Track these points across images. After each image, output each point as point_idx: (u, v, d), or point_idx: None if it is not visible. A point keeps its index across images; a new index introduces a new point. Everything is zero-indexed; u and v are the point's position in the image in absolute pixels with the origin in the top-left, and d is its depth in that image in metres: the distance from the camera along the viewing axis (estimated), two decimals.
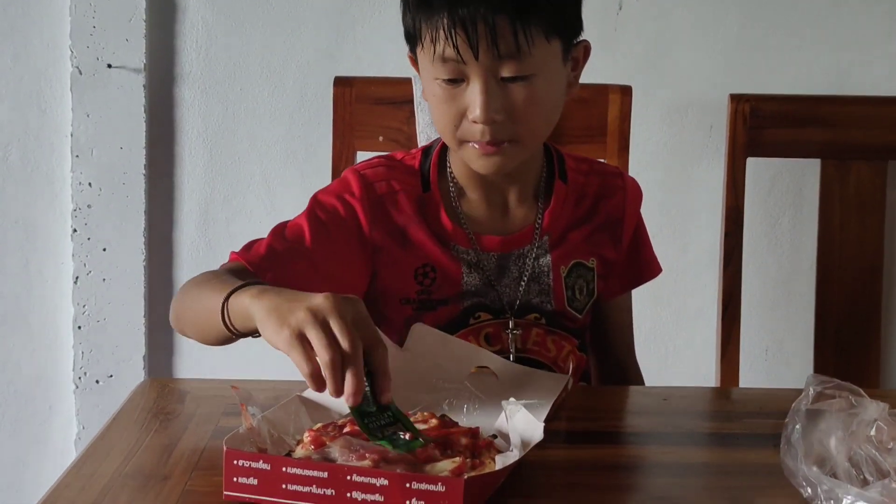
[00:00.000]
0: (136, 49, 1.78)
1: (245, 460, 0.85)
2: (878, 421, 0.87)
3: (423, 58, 1.13)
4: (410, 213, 1.20)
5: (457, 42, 1.07)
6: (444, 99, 1.12)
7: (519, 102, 1.10)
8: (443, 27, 1.08)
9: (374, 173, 1.21)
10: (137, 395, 1.13)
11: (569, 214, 1.24)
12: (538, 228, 1.22)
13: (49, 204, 1.83)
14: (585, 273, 1.25)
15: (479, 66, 1.09)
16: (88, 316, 1.82)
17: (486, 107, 1.09)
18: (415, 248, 1.20)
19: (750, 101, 1.63)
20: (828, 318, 1.68)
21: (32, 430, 1.87)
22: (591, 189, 1.26)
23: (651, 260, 1.33)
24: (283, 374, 1.84)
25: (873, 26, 1.80)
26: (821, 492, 0.82)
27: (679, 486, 0.94)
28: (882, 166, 1.67)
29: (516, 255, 1.22)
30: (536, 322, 1.23)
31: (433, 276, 1.20)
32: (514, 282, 1.22)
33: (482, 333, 1.21)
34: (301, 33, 1.81)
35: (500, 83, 1.10)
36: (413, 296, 1.20)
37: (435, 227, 1.20)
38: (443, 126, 1.15)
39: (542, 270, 1.22)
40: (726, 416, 1.15)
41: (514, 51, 1.08)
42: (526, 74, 1.10)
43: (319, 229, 1.17)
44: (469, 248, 1.21)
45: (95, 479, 0.91)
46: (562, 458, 0.97)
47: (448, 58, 1.09)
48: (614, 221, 1.27)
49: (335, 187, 1.22)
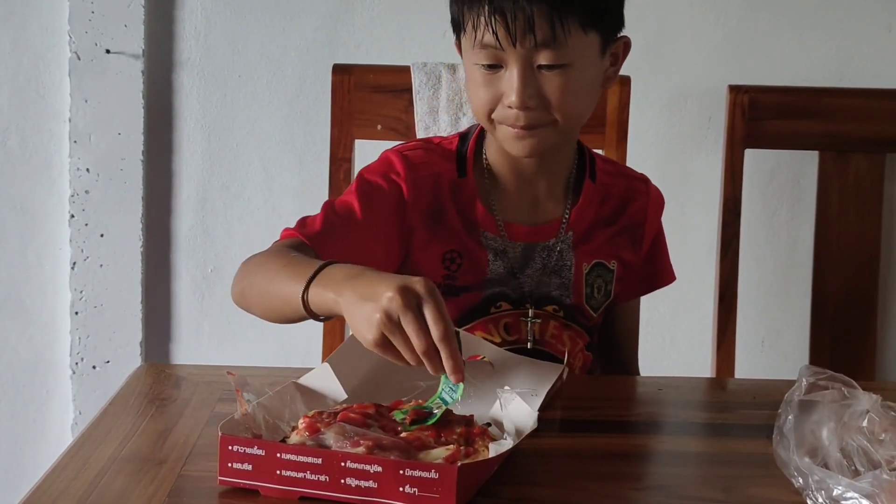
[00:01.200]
0: (134, 35, 1.77)
1: (240, 446, 0.85)
2: (870, 412, 0.87)
3: (465, 43, 1.17)
4: (446, 197, 1.22)
5: (496, 29, 1.11)
6: (482, 83, 1.15)
7: (553, 90, 1.13)
8: (483, 14, 1.12)
9: (414, 155, 1.24)
10: (133, 381, 1.14)
11: (594, 213, 1.27)
12: (564, 223, 1.25)
13: (47, 189, 1.83)
14: (605, 273, 1.28)
15: (516, 54, 1.12)
16: (86, 301, 1.82)
17: (522, 93, 1.12)
18: (445, 232, 1.22)
19: (749, 93, 1.63)
20: (824, 310, 1.69)
21: (30, 415, 1.87)
22: (616, 191, 1.29)
23: (667, 268, 1.36)
24: (280, 361, 1.85)
25: (872, 18, 1.80)
26: (812, 482, 0.83)
27: (672, 475, 0.94)
28: (880, 159, 1.67)
29: (541, 247, 1.24)
30: (554, 314, 1.25)
31: (459, 262, 1.22)
32: (537, 272, 1.24)
33: (501, 323, 1.23)
34: (300, 20, 1.81)
35: (536, 70, 1.13)
36: (439, 280, 1.22)
37: (467, 212, 1.23)
38: (479, 108, 1.18)
39: (565, 265, 1.25)
40: (720, 406, 1.16)
41: (550, 40, 1.11)
42: (561, 63, 1.13)
43: (368, 205, 1.19)
44: (497, 235, 1.23)
45: (91, 464, 0.91)
46: (556, 447, 0.97)
47: (487, 44, 1.13)
48: (636, 225, 1.30)
49: (379, 167, 1.24)
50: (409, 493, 0.82)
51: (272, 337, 1.87)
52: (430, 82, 1.58)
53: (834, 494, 0.81)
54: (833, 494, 0.81)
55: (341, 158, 1.58)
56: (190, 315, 1.87)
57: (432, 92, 1.58)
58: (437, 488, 0.81)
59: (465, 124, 1.58)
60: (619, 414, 1.09)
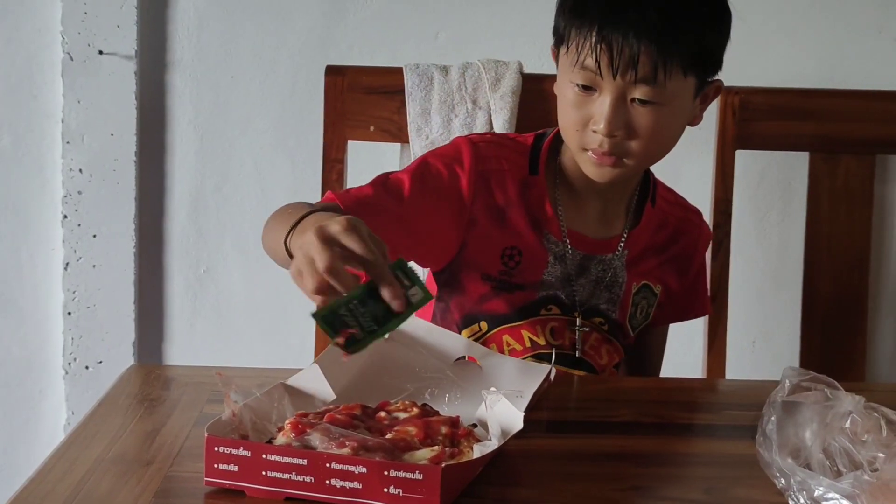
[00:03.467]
0: (127, 36, 1.78)
1: (226, 447, 0.86)
2: (852, 413, 0.88)
3: (565, 59, 1.18)
4: (513, 193, 1.24)
5: (599, 57, 1.13)
6: (575, 104, 1.17)
7: (641, 125, 1.15)
8: (590, 39, 1.13)
9: (486, 147, 1.25)
10: (123, 381, 1.14)
11: (649, 237, 1.30)
12: (623, 241, 1.27)
13: (40, 190, 1.83)
14: (650, 296, 1.31)
15: (614, 84, 1.14)
16: (78, 302, 1.83)
17: (611, 122, 1.14)
18: (509, 228, 1.23)
19: (739, 94, 1.63)
20: (815, 311, 1.69)
21: (22, 415, 1.88)
22: (672, 220, 1.33)
23: (704, 301, 1.41)
24: (273, 361, 1.85)
25: (863, 20, 1.81)
26: (794, 483, 0.83)
27: (655, 476, 0.95)
28: (870, 160, 1.67)
29: (598, 260, 1.27)
30: (599, 327, 1.27)
31: (518, 259, 1.23)
32: (591, 283, 1.26)
33: (548, 326, 1.25)
34: (293, 21, 1.81)
35: (629, 103, 1.15)
36: (495, 274, 1.23)
37: (535, 211, 1.24)
38: (567, 127, 1.19)
39: (617, 281, 1.28)
40: (707, 407, 1.16)
41: (650, 78, 1.13)
42: (655, 101, 1.14)
43: (420, 188, 1.20)
44: (560, 239, 1.25)
45: (78, 465, 0.91)
46: (541, 448, 0.98)
47: (587, 67, 1.14)
48: (686, 257, 1.34)
49: (447, 152, 1.24)
50: (394, 494, 0.82)
51: (265, 337, 1.88)
52: (422, 84, 1.58)
53: (815, 495, 0.82)
54: (815, 495, 0.82)
55: (334, 159, 1.58)
56: (183, 315, 1.88)
57: (424, 93, 1.58)
58: (422, 489, 0.82)
59: (457, 125, 1.58)
60: (604, 415, 1.09)
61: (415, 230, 1.19)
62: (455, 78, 1.59)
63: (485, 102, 1.58)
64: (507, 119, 1.57)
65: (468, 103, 1.58)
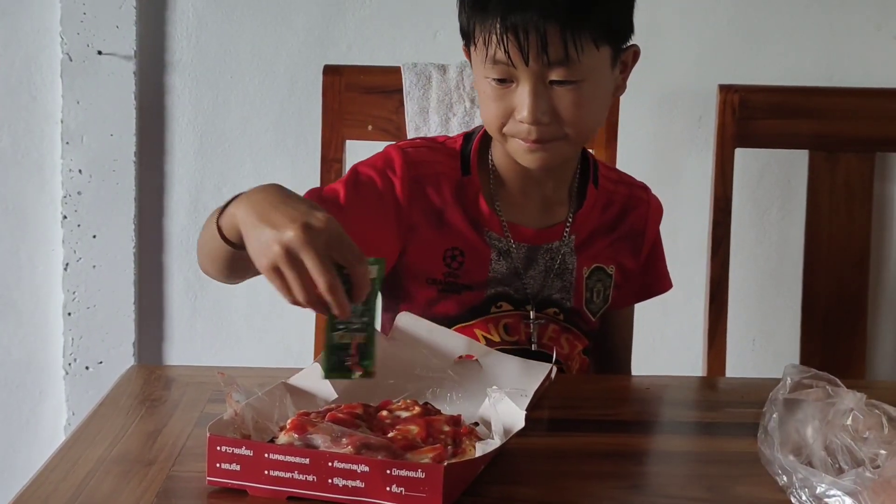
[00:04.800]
0: (126, 36, 1.78)
1: (228, 446, 0.86)
2: (854, 410, 0.88)
3: (475, 56, 1.16)
4: (449, 195, 1.22)
5: (508, 47, 1.11)
6: (494, 97, 1.15)
7: (565, 105, 1.13)
8: (496, 32, 1.11)
9: (416, 153, 1.23)
10: (124, 382, 1.14)
11: (596, 219, 1.28)
12: (568, 227, 1.25)
13: (39, 191, 1.83)
14: (605, 278, 1.29)
15: (529, 71, 1.12)
16: (78, 302, 1.83)
17: (534, 109, 1.12)
18: (448, 230, 1.22)
19: (739, 92, 1.63)
20: (815, 309, 1.69)
21: (23, 415, 1.88)
22: (618, 198, 1.30)
23: (663, 276, 1.38)
24: (273, 360, 1.85)
25: (862, 18, 1.81)
26: (796, 480, 0.83)
27: (658, 474, 0.95)
28: (870, 158, 1.67)
29: (545, 249, 1.25)
30: (555, 317, 1.26)
31: (461, 260, 1.22)
32: (540, 274, 1.24)
33: (501, 323, 1.23)
34: (291, 21, 1.81)
35: (548, 86, 1.13)
36: (440, 277, 1.22)
37: (472, 211, 1.23)
38: (490, 121, 1.18)
39: (567, 268, 1.26)
40: (708, 405, 1.16)
41: (563, 58, 1.11)
42: (574, 80, 1.12)
43: (355, 196, 1.19)
44: (501, 235, 1.23)
45: (80, 465, 0.91)
46: (543, 446, 0.98)
47: (499, 60, 1.12)
48: (636, 233, 1.31)
49: (376, 161, 1.23)
50: (396, 493, 0.82)
51: (265, 337, 1.88)
52: (420, 83, 1.58)
53: (817, 492, 0.82)
54: (817, 492, 0.82)
55: (332, 159, 1.58)
56: (183, 315, 1.88)
57: (422, 92, 1.58)
58: (424, 488, 0.82)
59: (455, 124, 1.58)
60: (606, 413, 1.09)
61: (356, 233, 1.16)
62: (453, 77, 1.59)
63: None
64: None
65: (466, 102, 1.59)
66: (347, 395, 1.01)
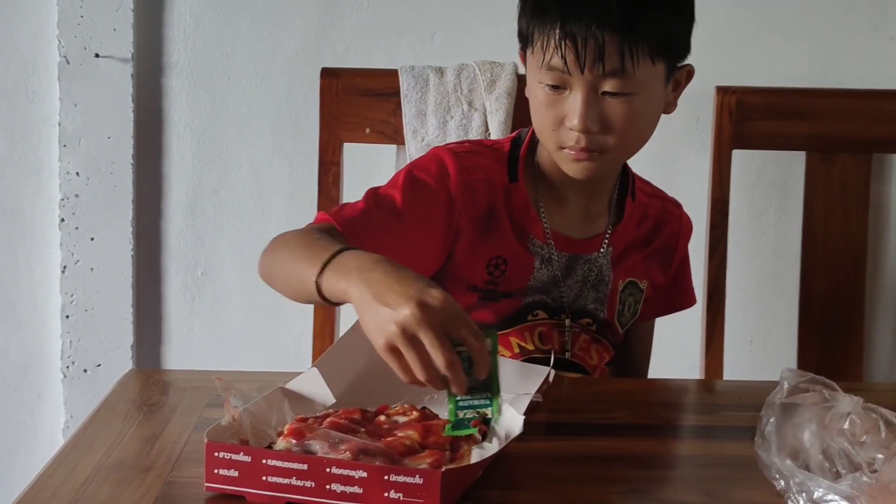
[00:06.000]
0: (123, 39, 1.78)
1: (226, 452, 0.86)
2: (851, 414, 0.88)
3: (532, 60, 1.17)
4: (496, 202, 1.22)
5: (565, 54, 1.12)
6: (546, 103, 1.16)
7: (616, 117, 1.14)
8: (554, 37, 1.12)
9: (468, 158, 1.23)
10: (121, 386, 1.14)
11: (632, 232, 1.29)
12: (607, 238, 1.26)
13: (37, 193, 1.83)
14: (636, 292, 1.30)
15: (583, 80, 1.13)
16: (76, 305, 1.83)
17: (585, 118, 1.13)
18: (494, 237, 1.22)
19: (736, 94, 1.64)
20: (812, 310, 1.69)
21: (21, 418, 1.88)
22: (653, 212, 1.31)
23: (689, 291, 1.39)
24: (271, 363, 1.85)
25: (858, 19, 1.81)
26: (793, 484, 0.84)
27: (654, 478, 0.95)
28: (866, 159, 1.68)
29: (584, 259, 1.26)
30: (587, 328, 1.27)
31: (504, 269, 1.22)
32: (578, 284, 1.25)
33: (536, 331, 1.24)
34: (289, 23, 1.81)
35: (601, 96, 1.13)
36: (481, 284, 1.22)
37: (518, 216, 1.23)
38: (541, 127, 1.18)
39: (604, 279, 1.27)
40: (705, 409, 1.16)
41: (618, 69, 1.12)
42: (627, 92, 1.13)
43: (413, 202, 1.18)
44: (544, 242, 1.24)
45: (78, 471, 0.91)
46: (541, 450, 0.98)
47: (554, 67, 1.13)
48: (668, 248, 1.32)
49: (430, 165, 1.22)
50: (394, 499, 0.82)
51: (263, 339, 1.88)
52: (417, 86, 1.58)
53: (815, 497, 0.82)
54: (814, 497, 0.82)
55: (330, 162, 1.58)
56: (181, 318, 1.88)
57: (420, 95, 1.58)
58: (422, 493, 0.82)
59: (453, 127, 1.58)
60: (604, 417, 1.09)
61: (409, 245, 1.17)
62: (451, 79, 1.59)
63: (480, 104, 1.59)
64: (502, 120, 1.57)
65: (464, 105, 1.59)
66: (345, 399, 1.01)
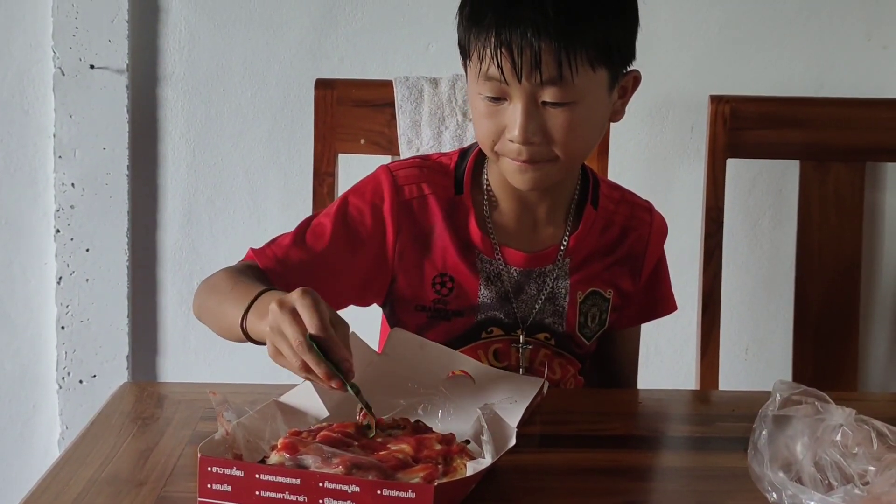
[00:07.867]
0: (118, 50, 1.78)
1: (219, 467, 0.86)
2: (843, 426, 0.88)
3: (471, 71, 1.15)
4: (439, 217, 1.21)
5: (501, 63, 1.09)
6: (486, 114, 1.13)
7: (557, 127, 1.11)
8: (490, 47, 1.09)
9: (405, 175, 1.22)
10: (116, 399, 1.14)
11: (594, 241, 1.24)
12: (563, 250, 1.23)
13: (32, 204, 1.83)
14: (601, 303, 1.26)
15: (521, 89, 1.10)
16: (72, 316, 1.83)
17: (524, 129, 1.10)
18: (437, 255, 1.20)
19: (730, 103, 1.64)
20: (807, 318, 1.70)
21: (16, 429, 1.87)
22: (619, 218, 1.26)
23: (667, 297, 1.34)
24: (266, 375, 1.85)
25: (852, 28, 1.82)
26: (785, 497, 0.84)
27: (648, 490, 0.95)
28: (860, 167, 1.68)
29: (537, 274, 1.23)
30: (546, 342, 1.24)
31: (451, 286, 1.20)
32: (531, 299, 1.23)
33: (491, 349, 1.22)
34: (284, 34, 1.82)
35: (541, 106, 1.11)
36: (428, 304, 1.21)
37: (462, 232, 1.21)
38: (482, 139, 1.16)
39: (560, 293, 1.23)
40: (699, 420, 1.16)
41: (556, 77, 1.08)
42: (567, 101, 1.10)
43: (343, 231, 1.19)
44: (493, 258, 1.21)
45: (72, 485, 0.91)
46: (535, 462, 0.98)
47: (492, 76, 1.10)
48: (636, 255, 1.27)
49: (366, 189, 1.22)
50: None
51: (258, 351, 1.87)
52: (412, 96, 1.59)
53: None
54: None
55: (324, 173, 1.59)
56: (176, 329, 1.88)
57: (414, 106, 1.58)
58: None
59: (448, 138, 1.59)
60: (598, 428, 1.09)
61: (337, 272, 1.18)
62: (445, 90, 1.60)
63: None
64: None
65: (458, 115, 1.59)
66: (339, 412, 1.01)
